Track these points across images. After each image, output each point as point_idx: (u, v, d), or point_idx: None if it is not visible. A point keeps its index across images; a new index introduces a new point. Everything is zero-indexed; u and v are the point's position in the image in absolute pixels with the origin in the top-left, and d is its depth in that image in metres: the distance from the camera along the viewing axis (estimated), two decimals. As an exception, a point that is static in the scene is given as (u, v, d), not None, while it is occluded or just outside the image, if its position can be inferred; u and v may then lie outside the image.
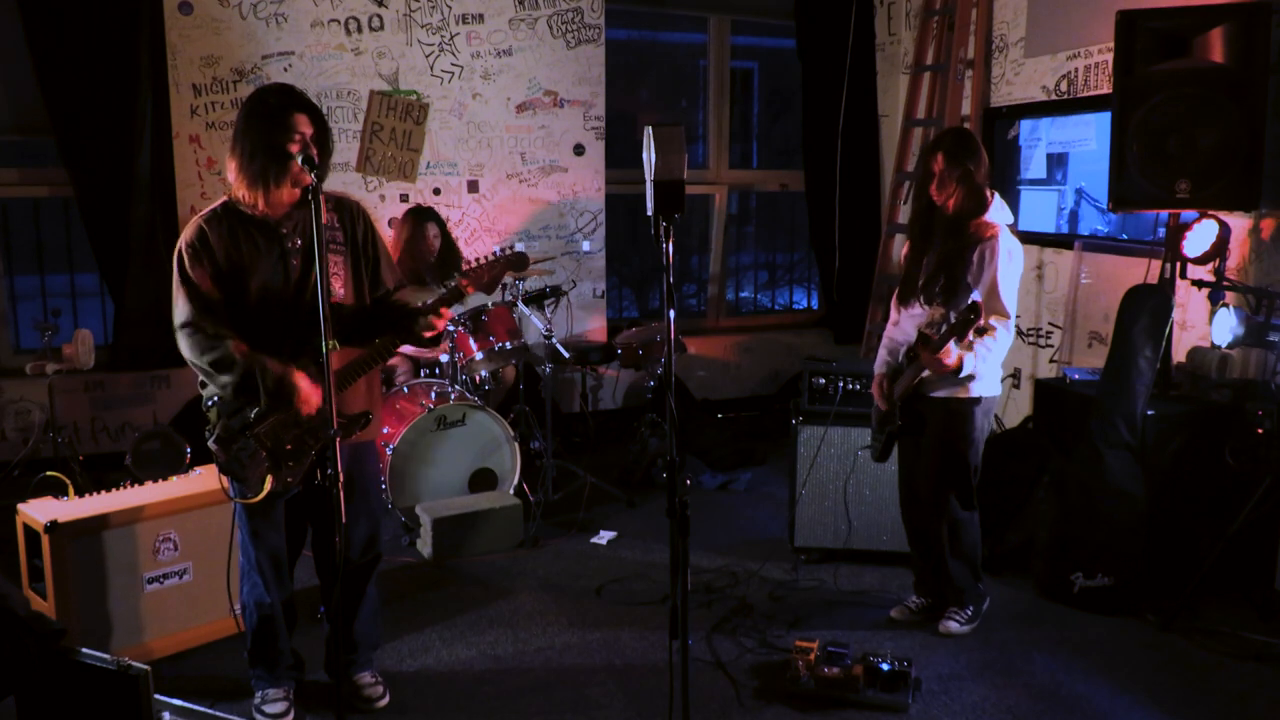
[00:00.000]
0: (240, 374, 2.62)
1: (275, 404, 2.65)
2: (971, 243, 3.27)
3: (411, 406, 4.43)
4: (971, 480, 3.42)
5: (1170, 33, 3.85)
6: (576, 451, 5.56)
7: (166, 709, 2.46)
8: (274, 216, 2.73)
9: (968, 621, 3.51)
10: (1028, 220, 5.76)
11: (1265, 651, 3.37)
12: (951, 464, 3.38)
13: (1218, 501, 3.73)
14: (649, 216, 2.36)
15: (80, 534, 3.11)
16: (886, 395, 3.42)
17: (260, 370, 2.63)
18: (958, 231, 3.29)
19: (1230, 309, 3.76)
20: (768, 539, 4.42)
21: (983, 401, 3.35)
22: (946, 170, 3.27)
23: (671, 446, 2.37)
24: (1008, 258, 3.26)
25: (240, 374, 2.62)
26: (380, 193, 5.55)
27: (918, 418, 3.38)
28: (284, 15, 5.22)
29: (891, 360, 3.47)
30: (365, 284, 2.90)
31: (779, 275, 7.98)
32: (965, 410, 3.33)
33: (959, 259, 3.27)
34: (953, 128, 3.86)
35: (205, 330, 2.64)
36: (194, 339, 2.65)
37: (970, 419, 3.34)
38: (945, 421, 3.35)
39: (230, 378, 2.63)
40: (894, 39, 6.52)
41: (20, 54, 4.85)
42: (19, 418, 5.11)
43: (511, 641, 3.49)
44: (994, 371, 3.35)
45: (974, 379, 3.29)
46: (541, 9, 5.73)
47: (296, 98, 2.69)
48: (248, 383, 2.63)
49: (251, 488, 2.71)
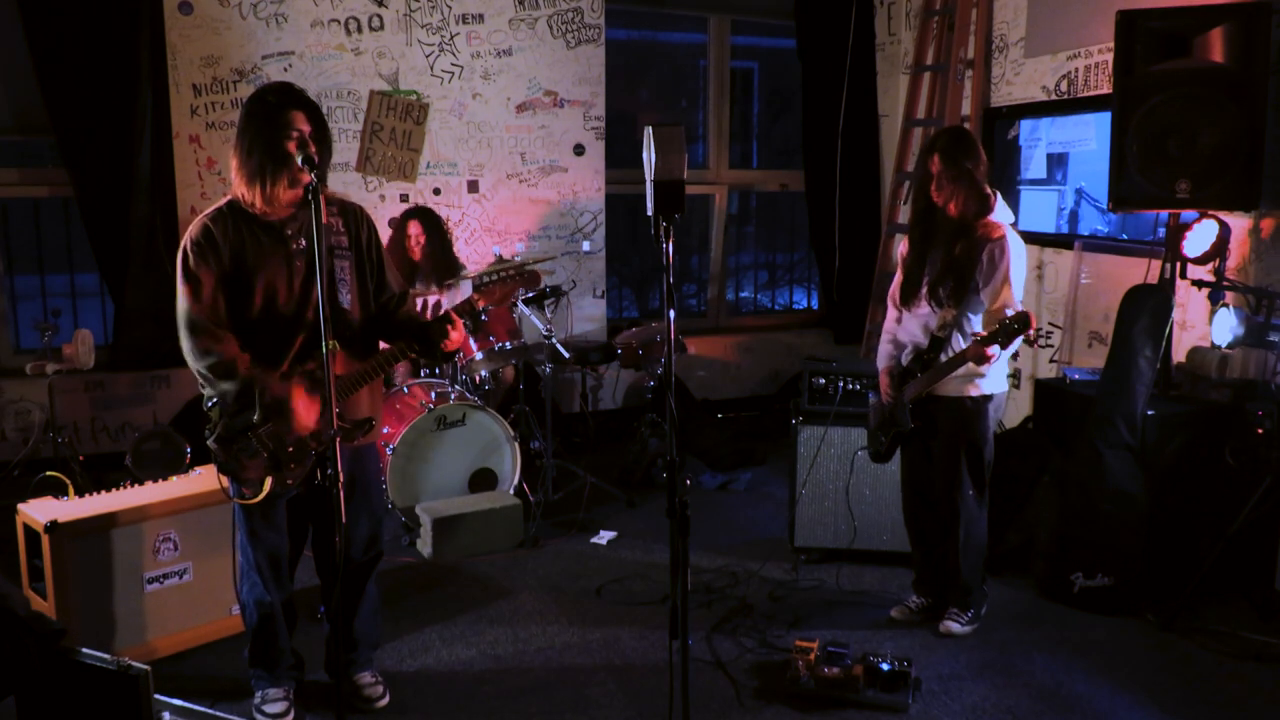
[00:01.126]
0: (239, 386, 2.64)
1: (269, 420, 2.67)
2: (979, 243, 3.27)
3: (411, 406, 4.43)
4: (987, 475, 3.44)
5: (1170, 33, 3.85)
6: (576, 451, 5.56)
7: (166, 709, 2.46)
8: (277, 217, 2.73)
9: (969, 623, 3.51)
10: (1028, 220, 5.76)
11: (1265, 651, 3.37)
12: (971, 461, 3.39)
13: (1218, 501, 3.72)
14: (649, 216, 2.36)
15: (80, 534, 3.11)
16: (894, 391, 3.42)
17: (259, 389, 2.65)
18: (964, 233, 3.29)
19: (1230, 309, 3.76)
20: (768, 539, 4.42)
21: (994, 398, 3.38)
22: (944, 171, 3.27)
23: (671, 446, 2.38)
24: (1017, 258, 3.28)
25: (239, 386, 2.64)
26: (380, 193, 5.55)
27: (928, 419, 3.40)
28: (284, 15, 5.22)
29: (898, 355, 3.47)
30: (370, 290, 2.91)
31: (779, 275, 7.98)
32: (980, 408, 3.36)
33: (968, 260, 3.27)
34: (949, 127, 3.84)
35: (206, 332, 2.65)
36: (194, 340, 2.65)
37: (985, 415, 3.37)
38: (961, 420, 3.36)
39: (229, 386, 2.64)
40: (894, 39, 6.52)
41: (20, 54, 4.85)
42: (19, 418, 5.11)
43: (511, 641, 3.49)
44: (1001, 368, 3.37)
45: (984, 376, 3.31)
46: (541, 9, 5.73)
47: (295, 96, 2.68)
48: (245, 394, 2.64)
49: (250, 488, 2.71)
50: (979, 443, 3.38)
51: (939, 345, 3.32)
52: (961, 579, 3.49)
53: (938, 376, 3.29)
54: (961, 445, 3.38)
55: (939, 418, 3.39)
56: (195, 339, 2.65)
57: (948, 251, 3.31)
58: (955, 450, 3.39)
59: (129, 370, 5.26)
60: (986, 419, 3.38)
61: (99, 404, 5.23)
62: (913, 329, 3.42)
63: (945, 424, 3.38)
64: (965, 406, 3.36)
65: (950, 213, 3.31)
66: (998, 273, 3.25)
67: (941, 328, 3.30)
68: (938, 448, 3.44)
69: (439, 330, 2.80)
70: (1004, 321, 3.08)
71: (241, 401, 2.65)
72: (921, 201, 3.39)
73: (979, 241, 3.27)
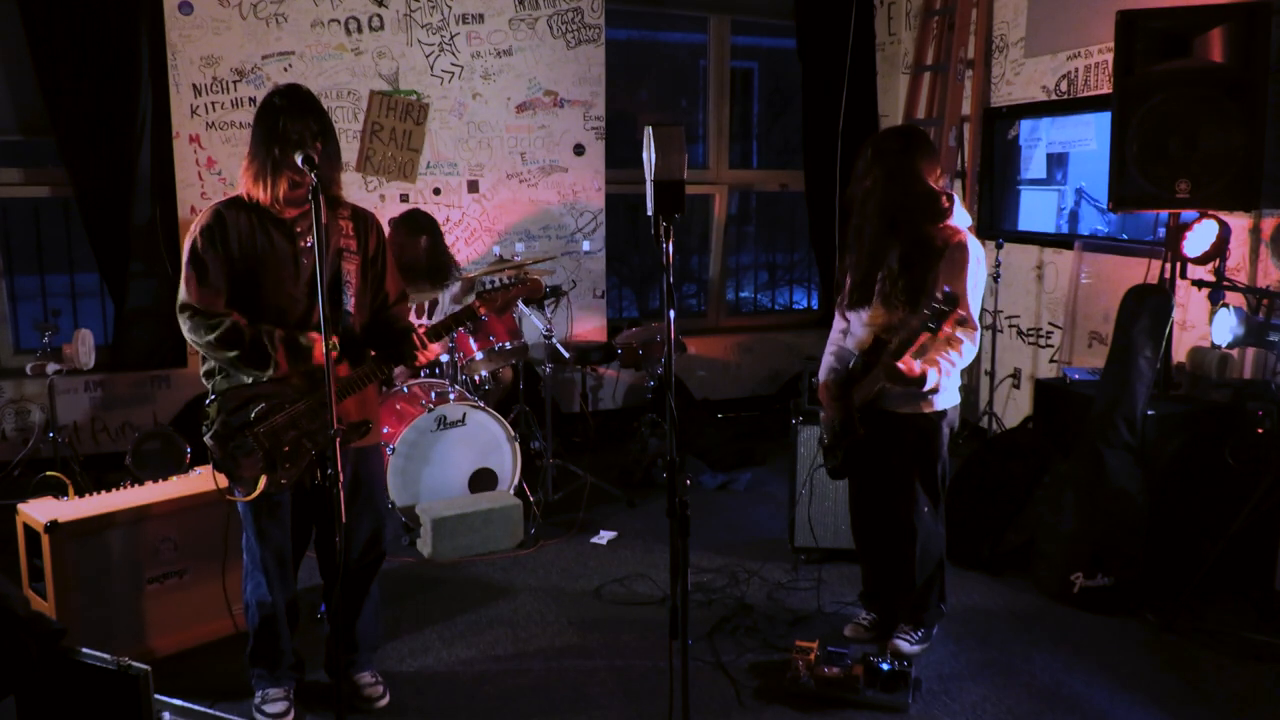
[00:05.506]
0: (249, 343, 2.65)
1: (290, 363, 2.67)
2: (939, 249, 3.09)
3: (411, 406, 4.43)
4: (942, 490, 3.32)
5: (1170, 33, 3.85)
6: (576, 451, 5.56)
7: (166, 709, 2.46)
8: (288, 215, 2.76)
9: (919, 642, 3.38)
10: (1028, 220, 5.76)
11: (1265, 651, 3.37)
12: (926, 479, 3.27)
13: (1218, 501, 3.73)
14: (649, 216, 2.36)
15: (80, 534, 3.11)
16: (836, 400, 3.26)
17: (268, 336, 2.66)
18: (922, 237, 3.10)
19: (1230, 309, 3.76)
20: (768, 539, 4.42)
21: (948, 414, 3.24)
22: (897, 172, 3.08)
23: (671, 446, 2.37)
24: (976, 264, 3.08)
25: (249, 343, 2.65)
26: (380, 193, 5.55)
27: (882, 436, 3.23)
28: (284, 15, 5.22)
29: (840, 368, 3.32)
30: (368, 295, 2.93)
31: (779, 275, 7.98)
32: (933, 426, 3.22)
33: (921, 262, 3.08)
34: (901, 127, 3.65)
35: (205, 311, 2.67)
36: (195, 320, 2.67)
37: (939, 433, 3.24)
38: (915, 439, 3.22)
39: (238, 351, 2.65)
40: (894, 39, 6.52)
41: (20, 54, 4.85)
42: (19, 418, 5.11)
43: (511, 641, 3.49)
44: (954, 381, 3.21)
45: (937, 392, 3.15)
46: (541, 9, 5.73)
47: (300, 98, 2.70)
48: (257, 352, 2.65)
49: (244, 486, 2.72)
50: (934, 459, 3.25)
51: (882, 346, 3.10)
52: (915, 594, 3.35)
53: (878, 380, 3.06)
54: (917, 462, 3.25)
55: (893, 435, 3.23)
56: (195, 319, 2.67)
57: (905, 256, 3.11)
58: (910, 467, 3.25)
59: (129, 370, 5.26)
60: (941, 435, 3.25)
61: (99, 404, 5.23)
62: (860, 334, 3.26)
63: (900, 442, 3.23)
64: (919, 425, 3.21)
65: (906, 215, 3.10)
66: (953, 280, 3.03)
67: (887, 330, 3.11)
68: (893, 464, 3.28)
69: (409, 352, 2.84)
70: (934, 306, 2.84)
71: (254, 356, 2.65)
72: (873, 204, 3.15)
73: (939, 246, 3.09)
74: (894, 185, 3.10)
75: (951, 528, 3.51)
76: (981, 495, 4.16)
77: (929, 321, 2.85)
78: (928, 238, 3.11)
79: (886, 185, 3.11)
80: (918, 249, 3.10)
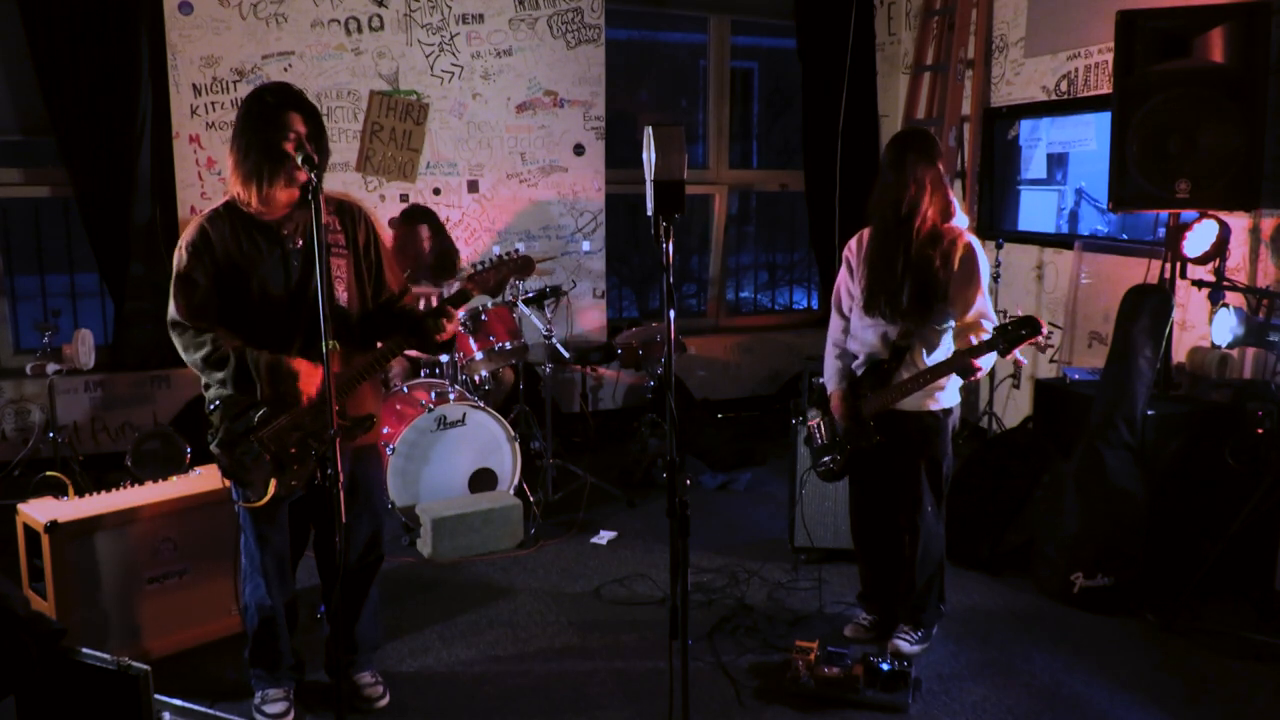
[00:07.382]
0: (235, 367, 2.63)
1: (274, 390, 2.64)
2: (947, 250, 3.12)
3: (411, 407, 4.43)
4: (945, 489, 3.34)
5: (1170, 33, 3.85)
6: (576, 451, 5.56)
7: (166, 709, 2.46)
8: (274, 217, 2.73)
9: (918, 642, 3.38)
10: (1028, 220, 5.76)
11: (1265, 651, 3.37)
12: (931, 476, 3.28)
13: (1218, 501, 3.73)
14: (649, 216, 2.36)
15: (80, 534, 3.11)
16: (849, 413, 3.28)
17: (253, 361, 2.63)
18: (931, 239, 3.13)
19: (1230, 309, 3.76)
20: (768, 539, 4.42)
21: (952, 411, 3.28)
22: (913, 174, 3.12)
23: (671, 446, 2.37)
24: (983, 264, 3.15)
25: (235, 367, 2.63)
26: (380, 193, 5.55)
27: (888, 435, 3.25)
28: (284, 15, 5.22)
29: (848, 370, 3.33)
30: (367, 288, 2.90)
31: (779, 275, 7.98)
32: (940, 423, 3.25)
33: (936, 267, 3.11)
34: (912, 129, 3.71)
35: (194, 328, 2.66)
36: (184, 338, 2.67)
37: (945, 430, 3.27)
38: (923, 435, 3.24)
39: (224, 373, 2.64)
40: (894, 39, 6.52)
41: (20, 54, 4.85)
42: (19, 418, 5.11)
43: (511, 641, 3.49)
44: (955, 381, 3.24)
45: (943, 390, 3.21)
46: (541, 9, 5.73)
47: (292, 96, 2.68)
48: (243, 375, 2.63)
49: (255, 491, 2.71)
50: (939, 457, 3.27)
51: (901, 355, 3.17)
52: (916, 594, 3.36)
53: (914, 387, 3.12)
54: (923, 461, 3.26)
55: (899, 433, 3.24)
56: (184, 337, 2.67)
57: (915, 258, 3.13)
58: (916, 466, 3.27)
59: (129, 370, 5.26)
60: (947, 432, 3.28)
61: (99, 404, 5.23)
62: (869, 338, 3.26)
63: (907, 440, 3.25)
64: (926, 422, 3.23)
65: (918, 218, 3.13)
66: (970, 282, 3.10)
67: (904, 337, 3.15)
68: (897, 463, 3.29)
69: (434, 322, 2.80)
70: (1006, 327, 2.94)
71: (241, 382, 2.64)
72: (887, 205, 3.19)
73: (946, 248, 3.12)
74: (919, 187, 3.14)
75: (951, 528, 3.51)
76: (981, 495, 4.16)
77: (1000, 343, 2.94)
78: (938, 241, 3.15)
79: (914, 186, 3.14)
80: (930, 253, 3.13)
